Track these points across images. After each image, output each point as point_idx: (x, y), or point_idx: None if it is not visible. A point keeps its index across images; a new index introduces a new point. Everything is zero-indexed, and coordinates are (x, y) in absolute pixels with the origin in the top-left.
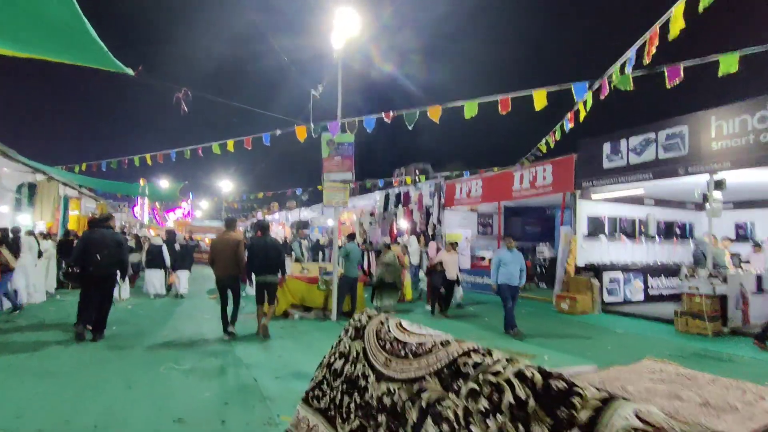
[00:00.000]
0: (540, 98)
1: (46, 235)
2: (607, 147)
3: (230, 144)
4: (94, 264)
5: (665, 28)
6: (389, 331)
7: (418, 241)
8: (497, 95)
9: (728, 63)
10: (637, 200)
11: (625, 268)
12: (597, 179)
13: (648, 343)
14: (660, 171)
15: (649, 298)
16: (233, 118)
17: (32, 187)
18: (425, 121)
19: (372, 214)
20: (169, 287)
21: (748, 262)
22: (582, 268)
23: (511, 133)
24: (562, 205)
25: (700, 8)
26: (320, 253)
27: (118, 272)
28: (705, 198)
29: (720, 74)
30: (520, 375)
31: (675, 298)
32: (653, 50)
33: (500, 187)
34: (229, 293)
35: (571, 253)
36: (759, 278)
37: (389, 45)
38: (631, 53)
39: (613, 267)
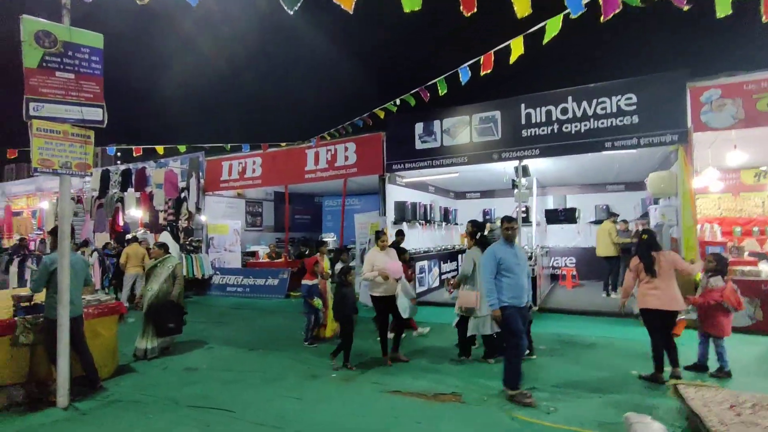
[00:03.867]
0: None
1: None
2: (419, 127)
3: None
4: None
5: None
6: None
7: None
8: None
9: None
10: (423, 187)
11: (428, 256)
12: (410, 161)
13: None
14: (476, 156)
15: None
16: None
17: None
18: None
19: (78, 201)
20: None
21: None
22: None
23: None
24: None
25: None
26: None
27: None
28: (513, 183)
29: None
30: None
31: None
32: None
33: (288, 167)
34: None
35: None
36: None
37: None
38: None
39: (421, 255)
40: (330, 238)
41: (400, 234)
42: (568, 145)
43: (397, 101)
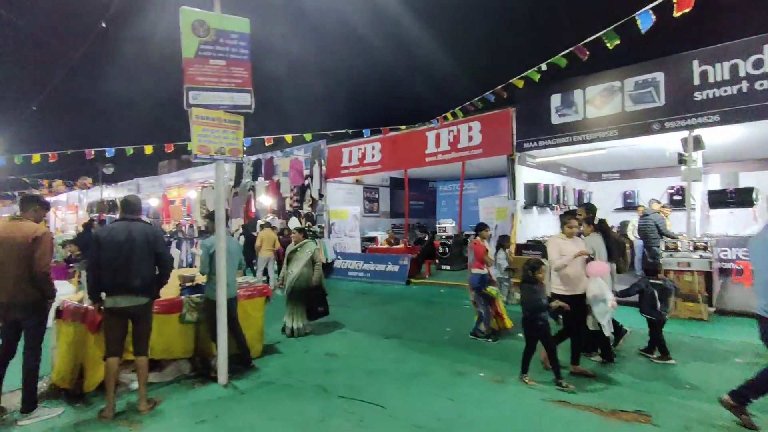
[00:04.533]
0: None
1: None
2: (556, 99)
3: None
4: None
5: None
6: None
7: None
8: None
9: None
10: (554, 167)
11: None
12: (544, 139)
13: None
14: (629, 128)
15: None
16: None
17: None
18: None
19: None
20: None
21: None
22: (522, 246)
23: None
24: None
25: None
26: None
27: None
28: (680, 159)
29: None
30: None
31: None
32: None
33: (408, 151)
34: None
35: (512, 230)
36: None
37: None
38: None
39: None
40: (448, 224)
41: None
42: (763, 108)
43: (543, 66)
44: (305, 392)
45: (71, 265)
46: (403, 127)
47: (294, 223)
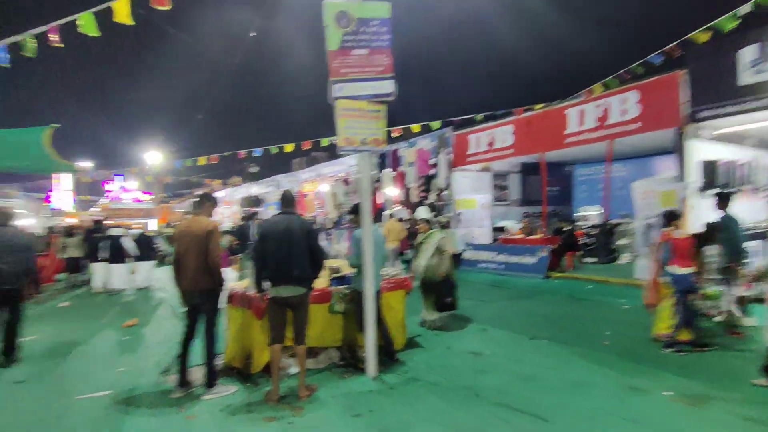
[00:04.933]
0: None
1: None
2: (747, 53)
3: None
4: None
5: None
6: None
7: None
8: None
9: None
10: (736, 139)
11: (761, 234)
12: (728, 104)
13: None
14: None
15: None
16: None
17: None
18: None
19: (346, 182)
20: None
21: None
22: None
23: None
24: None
25: None
26: None
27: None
28: None
29: None
30: None
31: None
32: None
33: (545, 133)
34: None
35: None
36: None
37: None
38: None
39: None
40: (591, 211)
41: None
42: None
43: (742, 9)
44: (455, 394)
45: (232, 254)
46: (539, 106)
47: (422, 213)
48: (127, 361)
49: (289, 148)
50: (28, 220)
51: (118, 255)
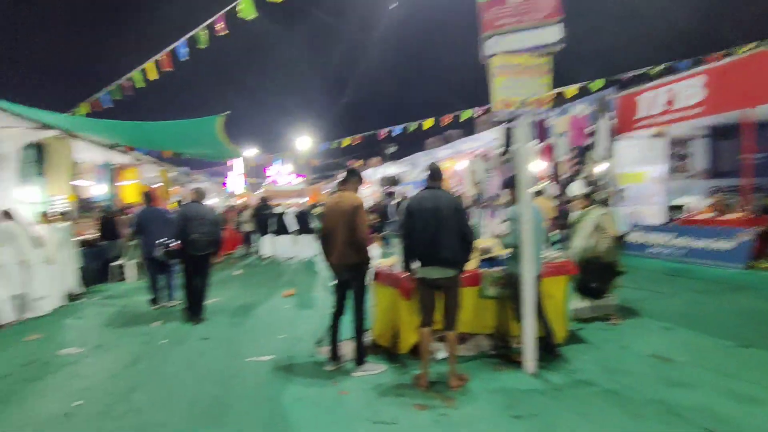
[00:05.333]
0: None
1: (55, 216)
2: None
3: None
4: (190, 244)
5: None
6: None
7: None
8: None
9: None
10: None
11: None
12: None
13: None
14: None
15: None
16: None
17: (40, 149)
18: None
19: (485, 158)
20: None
21: None
22: None
23: None
24: None
25: None
26: None
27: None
28: None
29: None
30: None
31: None
32: None
33: (748, 83)
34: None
35: None
36: None
37: None
38: None
39: None
40: None
41: None
42: None
43: None
44: (643, 408)
45: (374, 232)
46: (743, 49)
47: (577, 188)
48: (287, 328)
49: (428, 123)
50: (213, 200)
51: (282, 228)
